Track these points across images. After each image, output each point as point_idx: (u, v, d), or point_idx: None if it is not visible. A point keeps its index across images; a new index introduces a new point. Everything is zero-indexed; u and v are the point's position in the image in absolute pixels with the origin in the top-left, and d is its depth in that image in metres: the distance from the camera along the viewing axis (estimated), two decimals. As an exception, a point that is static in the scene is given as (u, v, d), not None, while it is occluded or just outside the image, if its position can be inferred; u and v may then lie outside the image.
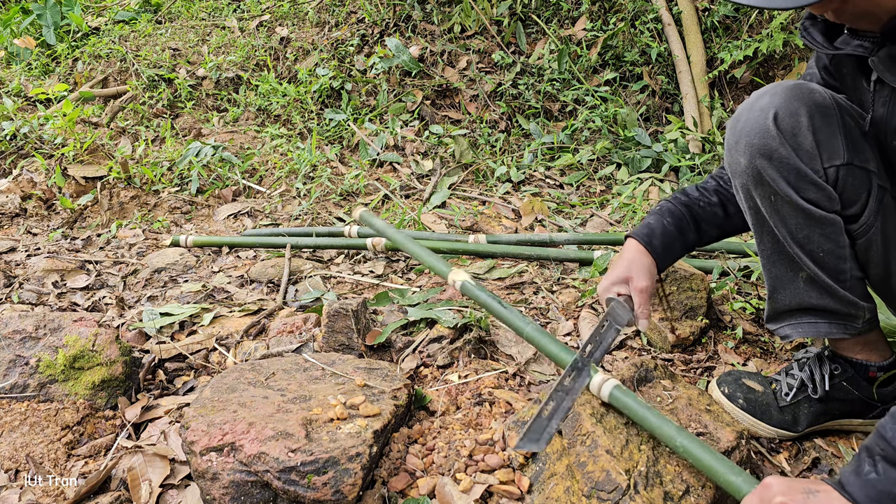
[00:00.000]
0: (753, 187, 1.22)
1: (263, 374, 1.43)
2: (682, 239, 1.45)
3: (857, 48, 1.13)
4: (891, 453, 0.89)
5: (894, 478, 0.89)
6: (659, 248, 1.41)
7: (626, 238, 1.46)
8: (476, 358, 1.68)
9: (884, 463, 0.90)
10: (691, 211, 1.46)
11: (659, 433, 1.15)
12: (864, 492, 0.90)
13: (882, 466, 0.90)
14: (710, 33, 3.84)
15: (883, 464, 0.90)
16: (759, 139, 1.17)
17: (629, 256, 1.41)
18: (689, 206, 1.46)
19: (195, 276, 2.40)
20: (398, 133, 3.68)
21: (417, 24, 4.20)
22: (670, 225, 1.44)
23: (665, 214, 1.46)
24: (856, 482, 0.91)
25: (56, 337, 1.54)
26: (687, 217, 1.45)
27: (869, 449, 0.93)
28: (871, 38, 1.10)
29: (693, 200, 1.47)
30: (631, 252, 1.42)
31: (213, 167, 3.44)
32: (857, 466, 0.93)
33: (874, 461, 0.91)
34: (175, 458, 1.31)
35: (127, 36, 4.93)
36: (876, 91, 1.17)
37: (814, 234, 1.21)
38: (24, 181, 3.38)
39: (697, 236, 1.47)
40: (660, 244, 1.41)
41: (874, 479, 0.90)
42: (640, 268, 1.38)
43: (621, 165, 3.38)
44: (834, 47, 1.17)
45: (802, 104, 1.16)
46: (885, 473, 0.89)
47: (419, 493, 1.19)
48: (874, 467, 0.91)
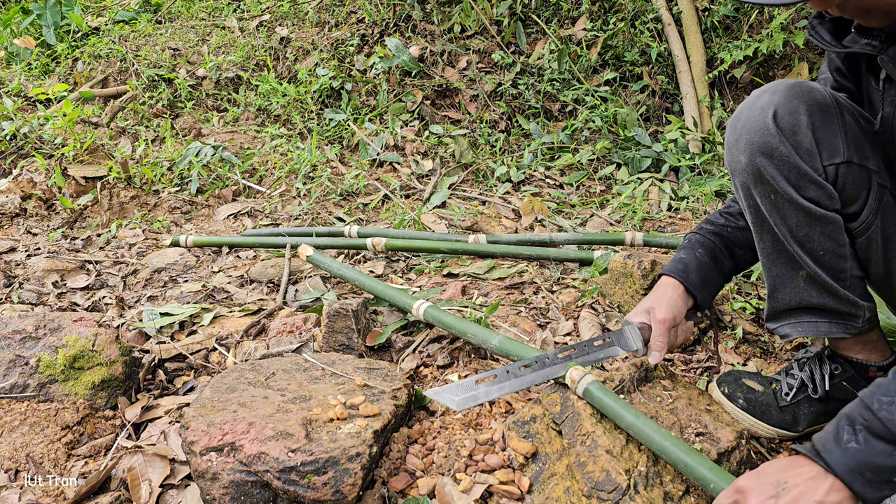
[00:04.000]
0: (753, 185, 1.22)
1: (263, 374, 1.43)
2: (718, 268, 1.40)
3: (866, 46, 1.13)
4: (875, 424, 0.89)
5: (875, 449, 0.89)
6: (697, 282, 1.37)
7: (659, 276, 1.41)
8: (476, 358, 1.68)
9: (866, 433, 0.90)
10: (721, 238, 1.42)
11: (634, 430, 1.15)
12: (843, 460, 0.90)
13: (864, 436, 0.90)
14: (710, 33, 3.84)
15: (865, 433, 0.90)
16: (759, 137, 1.17)
17: (659, 291, 1.37)
18: (718, 234, 1.42)
19: (195, 276, 2.40)
20: (398, 133, 3.68)
21: (417, 24, 4.20)
22: (703, 256, 1.39)
23: (696, 247, 1.41)
24: (834, 450, 0.91)
25: (56, 337, 1.54)
26: (719, 245, 1.41)
27: (850, 418, 0.93)
28: (880, 37, 1.10)
29: (721, 227, 1.43)
30: (662, 287, 1.38)
31: (213, 167, 3.44)
32: (835, 435, 0.93)
33: (855, 430, 0.91)
34: (175, 458, 1.31)
35: (127, 36, 4.93)
36: (885, 90, 1.17)
37: (814, 233, 1.21)
38: (24, 181, 3.38)
39: (733, 263, 1.43)
40: (697, 277, 1.37)
41: (854, 448, 0.90)
42: (665, 300, 1.34)
43: (621, 165, 3.38)
44: (842, 45, 1.17)
45: (802, 102, 1.16)
46: (867, 445, 0.89)
47: (419, 493, 1.19)
48: (854, 436, 0.90)
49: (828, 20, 1.19)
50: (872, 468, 0.89)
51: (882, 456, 0.89)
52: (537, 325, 1.86)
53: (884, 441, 0.89)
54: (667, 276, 1.39)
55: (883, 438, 0.89)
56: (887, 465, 0.88)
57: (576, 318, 1.90)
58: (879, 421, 0.89)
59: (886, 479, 0.89)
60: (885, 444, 0.89)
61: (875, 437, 0.89)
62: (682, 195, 3.06)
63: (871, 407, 0.91)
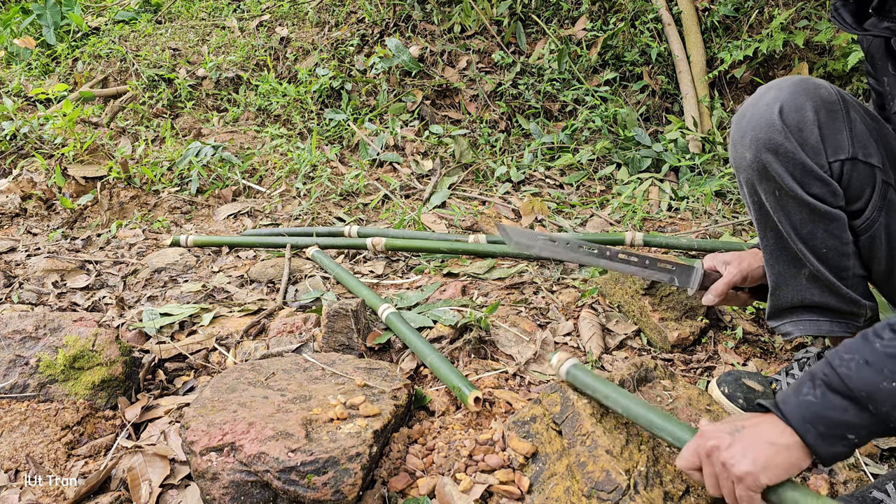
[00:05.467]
0: (758, 182, 1.22)
1: (263, 374, 1.43)
2: None
3: (885, 30, 1.14)
4: (834, 380, 0.91)
5: (830, 403, 0.90)
6: None
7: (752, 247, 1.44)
8: (476, 358, 1.68)
9: (823, 388, 0.91)
10: None
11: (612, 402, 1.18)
12: (798, 411, 0.92)
13: (821, 391, 0.91)
14: (710, 33, 3.84)
15: (822, 388, 0.91)
16: (764, 133, 1.17)
17: (747, 253, 1.40)
18: None
19: (195, 276, 2.40)
20: (398, 133, 3.68)
21: (417, 24, 4.20)
22: None
23: None
24: (792, 401, 0.93)
25: (56, 337, 1.54)
26: None
27: (813, 374, 0.94)
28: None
29: None
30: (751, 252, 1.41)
31: (213, 167, 3.44)
32: (797, 388, 0.95)
33: (814, 384, 0.93)
34: (175, 458, 1.31)
35: (127, 36, 4.93)
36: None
37: (818, 230, 1.21)
38: (24, 181, 3.38)
39: None
40: None
41: (810, 401, 0.92)
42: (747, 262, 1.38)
43: (621, 165, 3.38)
44: (862, 29, 1.18)
45: (808, 99, 1.16)
46: (823, 398, 0.91)
47: (419, 493, 1.19)
48: (813, 390, 0.92)
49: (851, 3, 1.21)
50: (826, 422, 0.90)
51: (837, 410, 0.89)
52: (537, 325, 1.86)
53: (840, 396, 0.90)
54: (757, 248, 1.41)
55: (839, 393, 0.90)
56: (841, 419, 0.89)
57: (576, 318, 1.90)
58: (838, 376, 0.90)
59: (839, 435, 0.89)
60: (841, 398, 0.90)
61: (832, 392, 0.90)
62: (682, 195, 3.06)
63: (832, 363, 0.92)
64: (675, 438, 1.07)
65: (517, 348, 1.72)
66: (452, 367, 1.51)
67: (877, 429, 0.89)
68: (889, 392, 0.86)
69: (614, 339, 1.80)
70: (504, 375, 1.60)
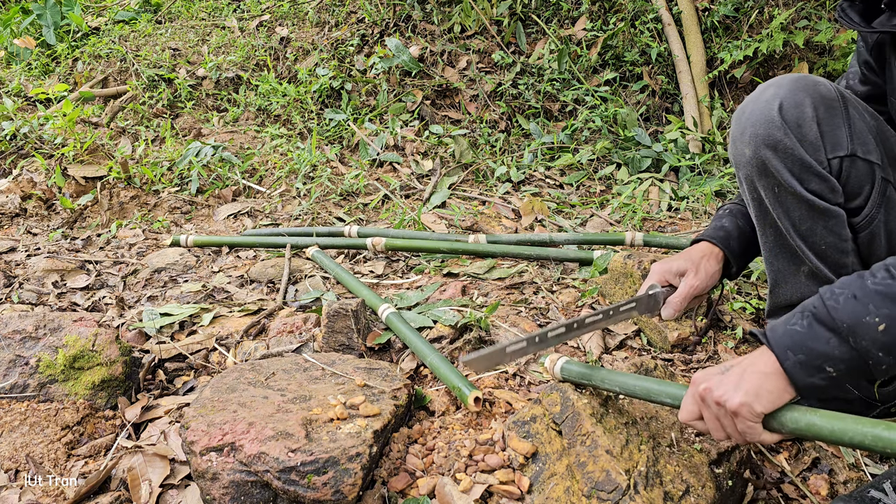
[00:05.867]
0: (757, 178, 1.22)
1: (263, 374, 1.43)
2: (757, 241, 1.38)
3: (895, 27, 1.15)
4: (821, 311, 0.92)
5: (815, 334, 0.92)
6: (738, 250, 1.37)
7: (695, 241, 1.40)
8: (476, 358, 1.68)
9: (811, 319, 0.93)
10: None
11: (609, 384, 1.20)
12: (783, 339, 0.94)
13: (808, 321, 0.93)
14: (710, 33, 3.84)
15: (810, 320, 0.93)
16: (764, 129, 1.17)
17: (698, 255, 1.36)
18: None
19: (195, 276, 2.40)
20: (398, 133, 3.68)
21: (417, 24, 4.20)
22: (746, 227, 1.39)
23: (738, 217, 1.40)
24: (779, 329, 0.95)
25: (56, 337, 1.54)
26: None
27: (804, 306, 0.96)
28: None
29: None
30: (702, 252, 1.36)
31: (213, 167, 3.44)
32: (787, 318, 0.97)
33: (803, 316, 0.95)
34: (175, 458, 1.31)
35: (127, 36, 4.93)
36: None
37: (817, 227, 1.21)
38: (24, 181, 3.38)
39: None
40: (737, 246, 1.37)
41: (796, 330, 0.94)
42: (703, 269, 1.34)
43: (621, 165, 3.38)
44: (871, 27, 1.19)
45: (807, 95, 1.16)
46: (809, 329, 0.93)
47: (419, 493, 1.19)
48: (801, 321, 0.94)
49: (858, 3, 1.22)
50: (806, 350, 0.91)
51: (819, 341, 0.91)
52: (537, 325, 1.86)
53: (825, 327, 0.91)
54: (707, 243, 1.38)
55: (824, 324, 0.92)
56: (822, 350, 0.91)
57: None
58: (826, 308, 0.92)
59: (818, 366, 0.91)
60: (826, 330, 0.91)
61: (818, 323, 0.92)
62: (682, 195, 3.06)
63: (823, 296, 0.94)
64: (673, 398, 1.08)
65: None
66: (452, 367, 1.51)
67: (854, 365, 0.90)
68: (870, 327, 0.88)
69: (614, 339, 1.80)
70: (504, 375, 1.60)
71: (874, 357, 0.89)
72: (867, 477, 1.29)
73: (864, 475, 1.30)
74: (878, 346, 0.88)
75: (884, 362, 0.89)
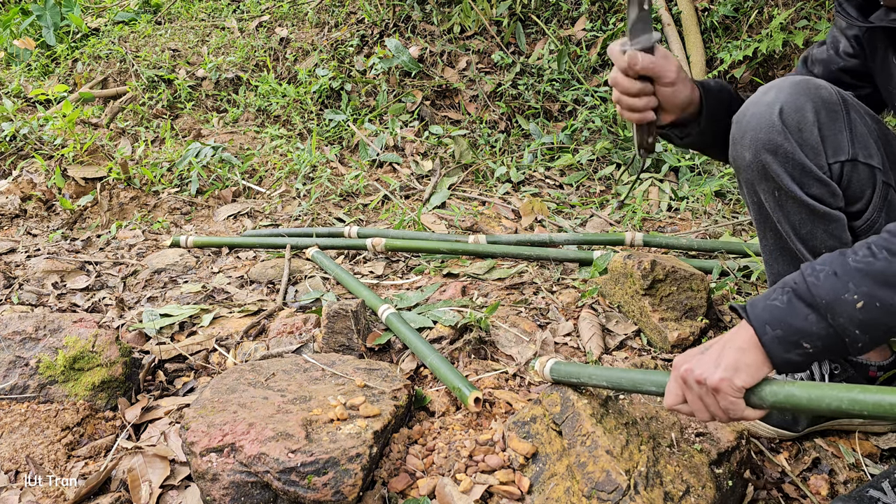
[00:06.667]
0: (758, 182, 1.22)
1: (263, 374, 1.43)
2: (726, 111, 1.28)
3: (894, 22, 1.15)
4: (802, 287, 0.92)
5: (794, 310, 0.92)
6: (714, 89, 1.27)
7: None
8: (476, 358, 1.68)
9: (791, 295, 0.93)
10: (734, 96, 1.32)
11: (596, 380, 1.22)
12: (761, 314, 0.94)
13: (788, 297, 0.93)
14: (710, 33, 3.84)
15: (790, 295, 0.93)
16: (764, 133, 1.17)
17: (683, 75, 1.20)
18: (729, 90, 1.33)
19: (195, 277, 2.40)
20: (398, 133, 3.68)
21: (417, 24, 4.20)
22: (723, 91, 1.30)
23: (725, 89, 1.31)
24: (759, 304, 0.96)
25: (56, 338, 1.54)
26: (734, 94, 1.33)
27: (785, 282, 0.96)
28: None
29: None
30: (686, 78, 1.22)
31: (213, 168, 3.44)
32: (767, 294, 0.97)
33: (784, 291, 0.95)
34: (175, 458, 1.31)
35: (126, 37, 4.93)
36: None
37: (817, 231, 1.21)
38: (24, 182, 3.38)
39: None
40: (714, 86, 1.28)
41: (776, 305, 0.94)
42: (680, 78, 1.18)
43: (621, 165, 3.38)
44: (868, 22, 1.19)
45: (808, 99, 1.16)
46: (788, 304, 0.93)
47: (419, 494, 1.19)
48: (781, 296, 0.94)
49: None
50: (785, 326, 0.91)
51: (798, 318, 0.91)
52: (537, 325, 1.86)
53: (804, 303, 0.92)
54: None
55: (803, 300, 0.92)
56: (800, 326, 0.91)
57: (576, 318, 1.90)
58: (806, 284, 0.92)
59: (795, 342, 0.91)
60: (804, 305, 0.91)
61: (797, 299, 0.92)
62: (681, 195, 3.06)
63: (804, 272, 0.94)
64: (658, 385, 1.09)
65: (517, 349, 1.72)
66: (452, 367, 1.51)
67: (831, 342, 0.90)
68: (848, 304, 0.88)
69: (614, 340, 1.80)
70: (504, 376, 1.60)
71: (851, 334, 0.89)
72: (867, 477, 1.29)
73: (865, 475, 1.30)
74: (855, 323, 0.88)
75: (860, 339, 0.89)
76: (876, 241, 0.91)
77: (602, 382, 1.21)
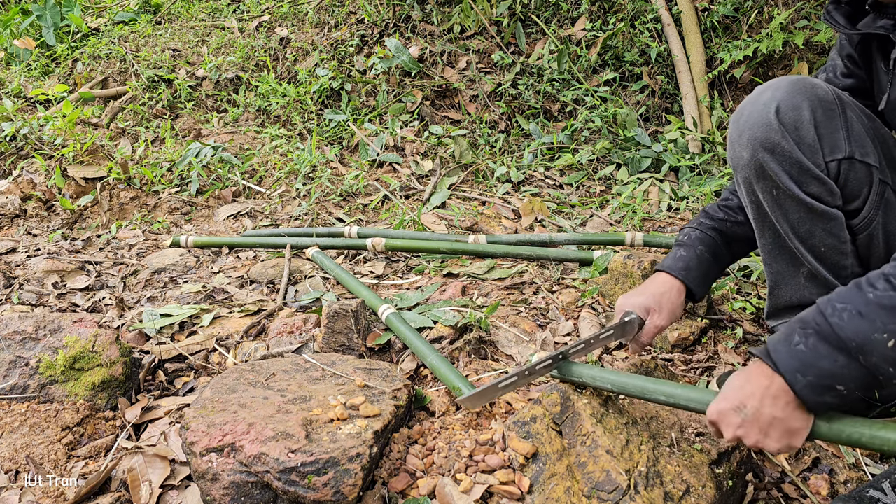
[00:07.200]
0: (755, 181, 1.22)
1: (263, 374, 1.43)
2: (717, 265, 1.40)
3: (879, 28, 1.15)
4: (825, 329, 0.91)
5: (821, 353, 0.90)
6: (698, 280, 1.36)
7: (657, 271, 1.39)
8: (476, 358, 1.68)
9: (815, 338, 0.92)
10: (722, 234, 1.41)
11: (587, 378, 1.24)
12: (789, 361, 0.92)
13: (812, 341, 0.92)
14: (710, 33, 3.84)
15: (814, 338, 0.92)
16: (761, 132, 1.17)
17: (660, 290, 1.34)
18: (718, 230, 1.41)
19: (195, 277, 2.40)
20: (398, 133, 3.68)
21: (417, 24, 4.20)
22: (704, 253, 1.38)
23: (696, 244, 1.39)
24: (783, 350, 0.94)
25: (56, 338, 1.54)
26: (719, 241, 1.40)
27: (804, 321, 0.94)
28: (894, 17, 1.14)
29: (720, 222, 1.42)
30: (663, 286, 1.35)
31: (213, 168, 3.44)
32: (787, 336, 0.95)
33: (806, 334, 0.93)
34: (175, 458, 1.31)
35: (126, 37, 4.94)
36: (893, 71, 1.18)
37: (815, 229, 1.22)
38: (24, 182, 3.38)
39: (731, 258, 1.43)
40: (698, 275, 1.36)
41: (801, 350, 0.92)
42: (667, 306, 1.33)
43: (621, 165, 3.38)
44: (856, 29, 1.20)
45: (805, 98, 1.16)
46: (814, 348, 0.91)
47: (419, 494, 1.19)
48: (804, 339, 0.92)
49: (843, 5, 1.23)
50: (816, 371, 0.90)
51: (827, 360, 0.90)
52: (537, 325, 1.86)
53: (830, 346, 0.90)
54: (668, 275, 1.37)
55: (830, 343, 0.90)
56: (830, 369, 0.89)
57: (576, 318, 1.90)
58: (830, 326, 0.90)
59: (828, 385, 0.90)
60: (832, 348, 0.90)
61: (823, 342, 0.91)
62: (681, 195, 3.06)
63: (824, 312, 0.92)
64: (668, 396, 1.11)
65: (517, 348, 1.73)
66: (452, 367, 1.51)
67: (865, 381, 0.89)
68: (879, 343, 0.87)
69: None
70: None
71: (885, 372, 0.87)
72: (867, 477, 1.29)
73: (865, 475, 1.30)
74: (889, 361, 0.87)
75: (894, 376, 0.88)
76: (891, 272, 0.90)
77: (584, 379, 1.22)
